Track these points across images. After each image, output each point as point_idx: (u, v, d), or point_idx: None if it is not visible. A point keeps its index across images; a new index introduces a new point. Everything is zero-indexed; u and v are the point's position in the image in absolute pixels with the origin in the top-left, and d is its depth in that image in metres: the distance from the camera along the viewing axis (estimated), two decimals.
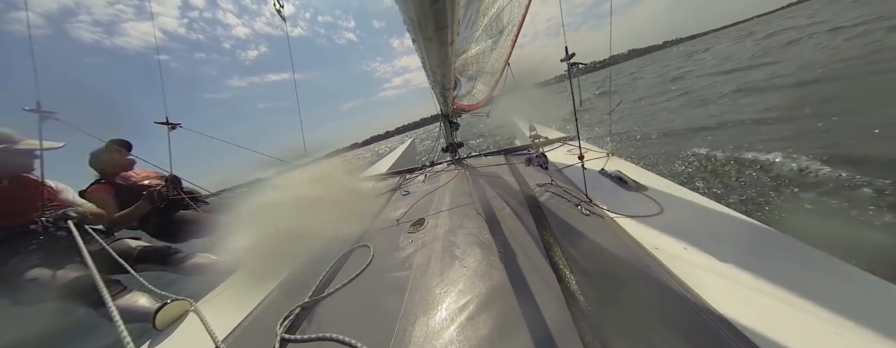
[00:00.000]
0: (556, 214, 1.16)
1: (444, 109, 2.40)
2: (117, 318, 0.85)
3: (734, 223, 0.97)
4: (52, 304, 1.32)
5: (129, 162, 2.12)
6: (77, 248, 1.22)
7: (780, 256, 0.78)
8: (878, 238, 1.65)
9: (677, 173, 3.21)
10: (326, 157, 2.16)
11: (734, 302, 0.65)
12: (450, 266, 0.92)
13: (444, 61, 1.17)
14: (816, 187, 2.27)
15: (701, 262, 0.80)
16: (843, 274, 0.70)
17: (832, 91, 4.20)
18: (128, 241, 1.82)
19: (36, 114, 1.49)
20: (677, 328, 0.61)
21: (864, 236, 1.69)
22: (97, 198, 1.88)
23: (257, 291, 1.12)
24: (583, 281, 0.77)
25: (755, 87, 5.81)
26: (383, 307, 0.82)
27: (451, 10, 0.80)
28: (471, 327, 0.68)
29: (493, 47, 1.95)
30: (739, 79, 7.04)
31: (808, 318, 0.60)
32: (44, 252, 1.43)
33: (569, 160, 1.87)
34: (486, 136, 9.86)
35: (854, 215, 1.87)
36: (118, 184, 1.99)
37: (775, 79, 6.01)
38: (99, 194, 1.90)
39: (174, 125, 2.25)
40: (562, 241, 0.97)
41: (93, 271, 1.05)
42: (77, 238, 1.29)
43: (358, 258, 1.14)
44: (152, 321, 1.02)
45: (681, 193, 1.22)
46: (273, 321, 0.86)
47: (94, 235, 1.50)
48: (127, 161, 2.11)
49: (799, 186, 2.36)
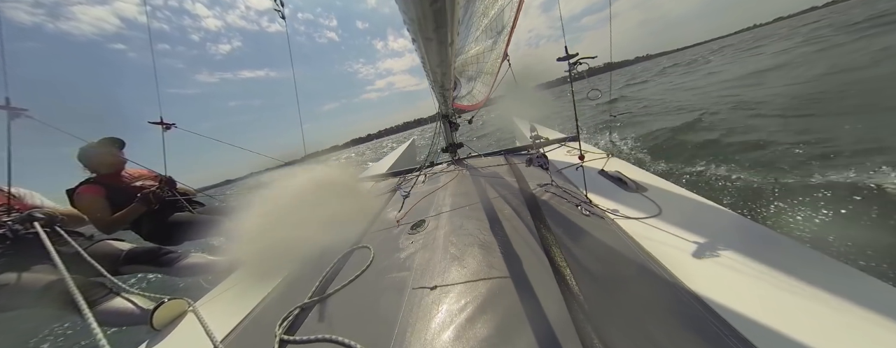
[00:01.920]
0: (557, 215, 1.16)
1: (443, 109, 2.40)
2: (92, 322, 0.82)
3: (733, 224, 0.97)
4: (32, 310, 1.26)
5: (122, 161, 2.03)
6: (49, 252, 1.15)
7: (779, 257, 0.78)
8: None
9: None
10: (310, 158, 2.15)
11: (733, 303, 0.65)
12: (450, 267, 0.92)
13: (443, 61, 1.16)
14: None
15: (700, 263, 0.80)
16: (841, 274, 0.70)
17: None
18: (112, 243, 1.74)
19: (4, 110, 1.39)
20: (676, 328, 0.61)
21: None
22: (87, 199, 1.80)
23: (256, 291, 1.12)
24: (583, 282, 0.77)
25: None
26: (383, 308, 0.82)
27: (450, 10, 0.79)
28: (471, 328, 0.68)
29: (492, 48, 1.95)
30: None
31: (806, 319, 0.60)
32: (11, 257, 1.35)
33: (569, 161, 1.87)
34: (487, 136, 9.89)
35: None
36: (110, 185, 1.91)
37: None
38: (89, 195, 1.82)
39: (169, 125, 2.20)
40: (562, 242, 0.97)
41: (64, 274, 1.01)
42: (44, 239, 1.22)
43: (358, 259, 1.14)
44: (150, 320, 1.01)
45: (680, 194, 1.22)
46: (272, 321, 0.86)
47: (66, 237, 1.42)
48: (119, 160, 2.01)
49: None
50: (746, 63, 10.34)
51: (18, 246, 1.39)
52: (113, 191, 1.89)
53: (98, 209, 1.80)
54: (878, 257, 1.47)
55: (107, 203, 1.84)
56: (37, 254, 1.31)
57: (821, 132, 3.04)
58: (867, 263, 1.46)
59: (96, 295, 1.32)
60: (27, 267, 1.33)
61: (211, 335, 0.88)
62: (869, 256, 1.49)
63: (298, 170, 1.62)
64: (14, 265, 1.33)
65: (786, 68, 7.22)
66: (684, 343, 0.58)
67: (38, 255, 1.29)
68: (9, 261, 1.34)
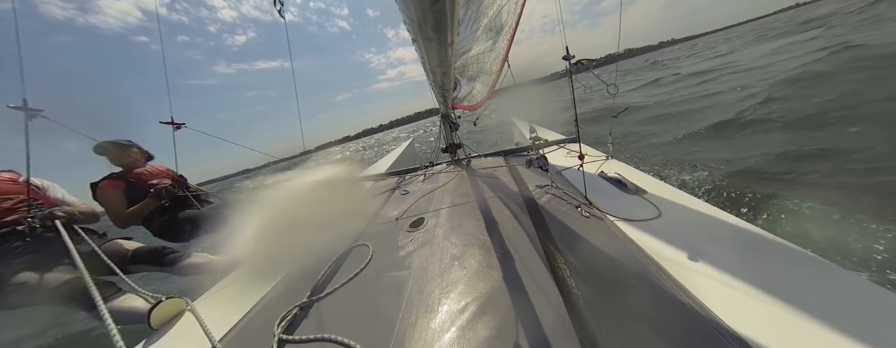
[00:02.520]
0: (556, 216, 1.16)
1: (443, 110, 2.40)
2: (109, 321, 0.83)
3: (732, 227, 0.97)
4: (45, 307, 1.28)
5: (141, 160, 2.17)
6: (66, 250, 1.17)
7: (778, 260, 0.78)
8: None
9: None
10: (322, 149, 2.14)
11: (732, 306, 0.65)
12: (449, 266, 0.92)
13: (443, 61, 1.16)
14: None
15: (699, 266, 0.80)
16: (839, 278, 0.70)
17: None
18: (120, 242, 1.78)
19: (22, 111, 1.40)
20: (675, 331, 0.61)
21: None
22: (109, 194, 1.88)
23: (255, 290, 1.11)
24: (581, 283, 0.77)
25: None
26: (382, 307, 0.82)
27: (451, 11, 0.79)
28: (470, 328, 0.68)
29: (492, 48, 1.94)
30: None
31: (805, 323, 0.60)
32: (32, 254, 1.37)
33: (569, 162, 1.87)
34: (484, 131, 9.65)
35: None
36: (129, 181, 2.00)
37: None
38: (110, 190, 1.90)
39: (179, 125, 2.24)
40: (561, 243, 0.97)
41: (83, 273, 1.02)
42: (66, 239, 1.24)
43: (357, 257, 1.14)
44: (147, 319, 1.01)
45: (680, 197, 1.22)
46: (271, 321, 0.86)
47: (83, 236, 1.44)
48: (141, 160, 2.15)
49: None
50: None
51: (37, 243, 1.41)
52: (131, 187, 1.98)
53: (117, 203, 1.89)
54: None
55: (125, 197, 1.92)
56: (54, 252, 1.34)
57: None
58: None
59: (105, 294, 1.34)
60: (45, 265, 1.35)
61: (209, 334, 0.88)
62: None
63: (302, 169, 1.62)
64: (33, 263, 1.35)
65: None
66: (682, 345, 0.58)
67: (56, 253, 1.32)
68: (30, 258, 1.36)
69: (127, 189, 1.95)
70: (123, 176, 2.01)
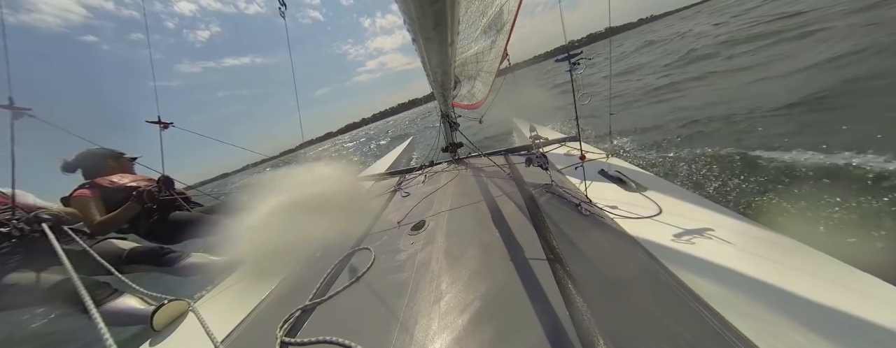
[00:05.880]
0: (556, 215, 1.16)
1: (443, 109, 2.39)
2: (99, 322, 0.81)
3: (732, 224, 0.97)
4: (39, 309, 1.27)
5: (124, 168, 2.13)
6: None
7: (779, 256, 0.78)
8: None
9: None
10: (301, 149, 2.11)
11: (733, 303, 0.65)
12: (451, 268, 0.92)
13: (443, 61, 1.16)
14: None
15: (699, 263, 0.80)
16: (842, 273, 0.70)
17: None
18: (115, 242, 1.75)
19: (8, 110, 1.37)
20: (676, 328, 0.61)
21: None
22: (81, 202, 1.79)
23: (257, 292, 1.11)
24: (582, 281, 0.77)
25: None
26: (385, 310, 0.82)
27: (450, 10, 0.79)
28: (472, 330, 0.68)
29: (492, 46, 1.94)
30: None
31: (807, 317, 0.60)
32: (21, 255, 1.36)
33: (569, 161, 1.87)
34: (484, 128, 9.48)
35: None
36: (103, 187, 1.91)
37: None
38: (83, 198, 1.81)
39: (166, 124, 2.20)
40: (562, 241, 0.97)
41: (71, 274, 1.00)
42: (53, 240, 1.21)
43: (359, 260, 1.14)
44: (150, 321, 1.01)
45: (680, 194, 1.22)
46: (273, 323, 0.86)
47: (73, 237, 1.40)
48: (126, 166, 2.12)
49: None
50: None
51: (25, 245, 1.39)
52: (107, 193, 1.90)
53: (92, 210, 1.80)
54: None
55: (101, 204, 1.84)
56: (43, 253, 1.29)
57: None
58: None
59: (101, 295, 1.33)
60: (35, 267, 1.34)
61: (211, 336, 0.88)
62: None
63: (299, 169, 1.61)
64: (23, 264, 1.34)
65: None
66: (684, 342, 0.58)
67: (45, 254, 1.27)
68: (20, 259, 1.35)
69: (102, 196, 1.86)
70: (96, 184, 1.92)
